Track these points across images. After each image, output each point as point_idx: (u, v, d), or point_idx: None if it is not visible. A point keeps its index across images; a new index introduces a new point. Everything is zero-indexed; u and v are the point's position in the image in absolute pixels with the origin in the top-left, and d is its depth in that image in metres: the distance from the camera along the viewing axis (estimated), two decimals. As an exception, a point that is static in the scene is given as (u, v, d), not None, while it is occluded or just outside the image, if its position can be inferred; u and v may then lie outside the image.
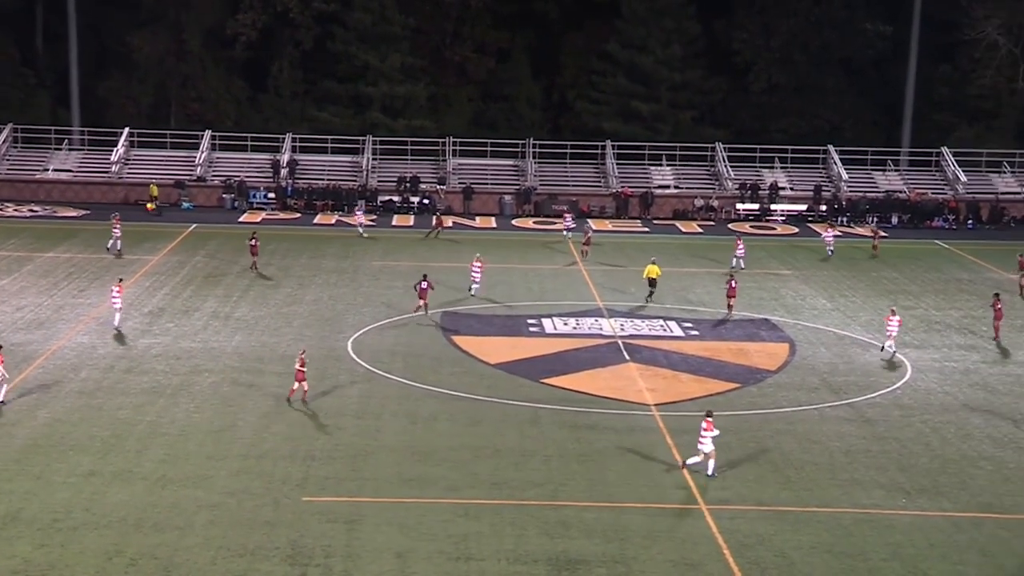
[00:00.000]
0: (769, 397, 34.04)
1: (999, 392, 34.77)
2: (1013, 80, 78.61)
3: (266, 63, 79.85)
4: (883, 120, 79.84)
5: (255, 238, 50.31)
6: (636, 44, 79.14)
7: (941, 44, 77.77)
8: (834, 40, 79.14)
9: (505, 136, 75.28)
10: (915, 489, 27.13)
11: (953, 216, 67.44)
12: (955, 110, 79.75)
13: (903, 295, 48.00)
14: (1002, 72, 78.20)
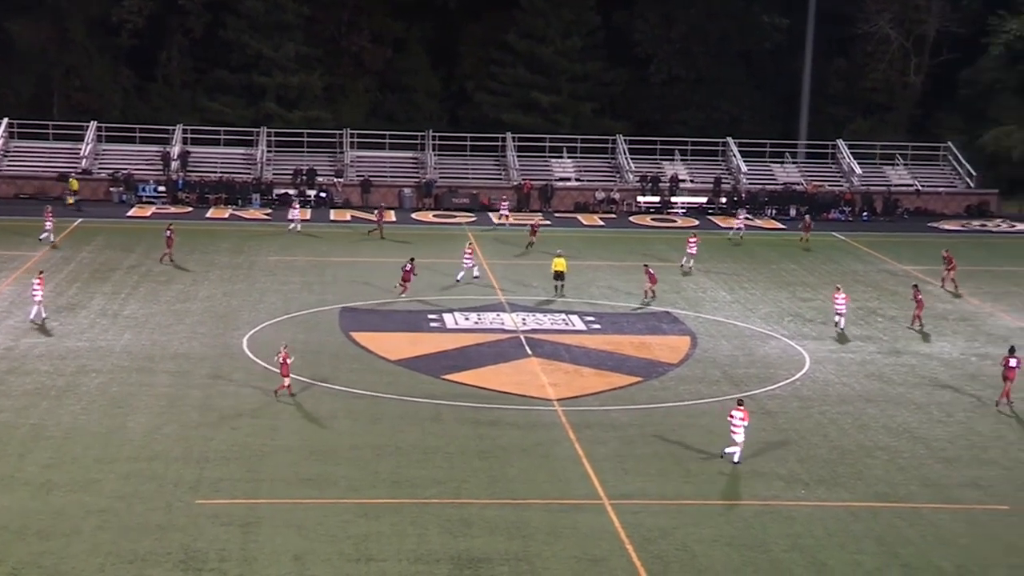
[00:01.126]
0: (671, 391, 34.46)
1: (894, 382, 35.67)
2: (905, 73, 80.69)
3: (154, 52, 78.38)
4: (781, 112, 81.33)
5: (171, 229, 49.78)
6: (535, 35, 79.44)
7: (836, 37, 79.50)
8: (732, 32, 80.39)
9: (404, 128, 75.04)
10: (814, 480, 27.70)
11: (849, 208, 68.98)
12: (850, 103, 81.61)
13: (801, 287, 48.94)
14: (894, 65, 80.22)
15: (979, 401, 33.90)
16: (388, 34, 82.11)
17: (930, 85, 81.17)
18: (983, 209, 70.66)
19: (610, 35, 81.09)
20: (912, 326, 42.37)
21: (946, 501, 26.55)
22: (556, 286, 45.78)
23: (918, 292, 43.04)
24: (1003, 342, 40.26)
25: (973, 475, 28.09)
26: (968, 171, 73.01)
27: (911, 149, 75.41)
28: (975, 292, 48.23)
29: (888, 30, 79.29)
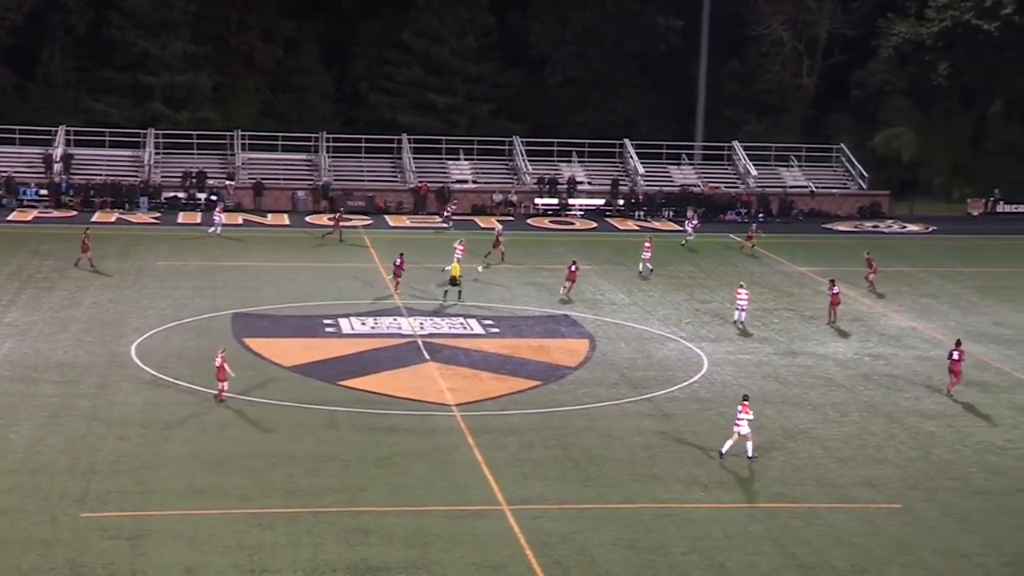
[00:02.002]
0: (570, 394, 34.68)
1: (790, 383, 36.36)
2: (798, 75, 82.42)
3: (34, 50, 76.46)
4: (677, 114, 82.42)
5: (87, 233, 49.49)
6: (430, 35, 79.41)
7: (730, 39, 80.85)
8: (627, 34, 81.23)
9: (296, 129, 74.40)
10: (712, 482, 28.11)
11: (745, 210, 70.17)
12: (745, 104, 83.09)
13: (699, 289, 49.65)
14: (787, 67, 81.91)
15: (872, 402, 34.72)
16: (279, 33, 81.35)
17: (823, 87, 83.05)
18: (875, 210, 72.43)
19: (505, 36, 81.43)
20: (830, 323, 43.51)
21: (841, 500, 27.15)
22: (447, 292, 45.46)
23: (833, 286, 44.18)
24: (895, 342, 41.38)
25: (867, 474, 28.77)
26: (860, 172, 74.79)
27: (805, 151, 77.01)
28: (868, 293, 49.40)
29: (781, 32, 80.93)
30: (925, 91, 79.61)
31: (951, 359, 35.32)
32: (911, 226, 68.67)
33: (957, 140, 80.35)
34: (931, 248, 61.42)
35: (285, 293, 45.67)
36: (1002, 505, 26.98)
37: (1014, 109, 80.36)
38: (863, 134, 79.82)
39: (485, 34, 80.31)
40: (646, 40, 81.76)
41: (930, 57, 78.25)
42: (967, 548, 24.71)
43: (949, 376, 35.36)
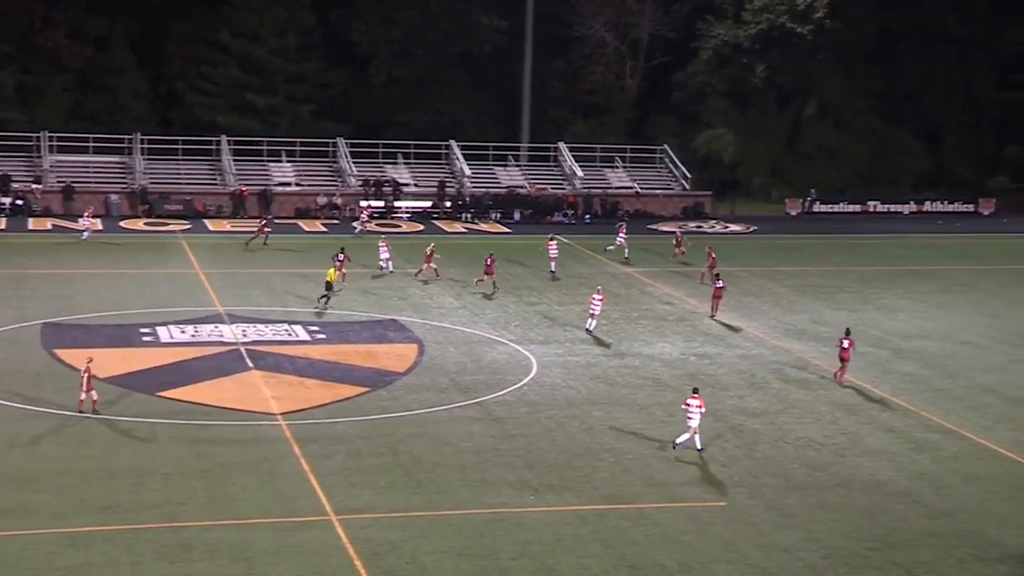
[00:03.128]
0: (399, 400, 34.61)
1: (619, 384, 37.05)
2: (621, 76, 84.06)
3: None
4: (503, 114, 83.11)
5: None
6: (248, 33, 78.15)
7: (555, 39, 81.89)
8: (452, 33, 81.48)
9: (109, 130, 72.23)
10: (543, 485, 28.43)
11: (572, 211, 71.19)
12: (570, 105, 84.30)
13: (527, 291, 50.14)
14: (611, 69, 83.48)
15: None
16: (88, 30, 78.70)
17: (646, 88, 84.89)
18: (698, 210, 74.39)
19: (327, 34, 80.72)
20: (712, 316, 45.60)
21: (669, 500, 27.79)
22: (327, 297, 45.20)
23: (719, 279, 46.47)
24: (720, 341, 42.57)
25: (694, 473, 29.52)
26: (684, 173, 76.69)
27: (630, 151, 78.58)
28: (693, 293, 50.69)
29: (604, 33, 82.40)
30: (743, 93, 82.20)
31: (840, 347, 37.47)
32: (733, 226, 70.76)
33: (775, 141, 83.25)
34: (752, 248, 63.39)
35: (100, 301, 44.33)
36: (821, 500, 28.03)
37: (827, 111, 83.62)
38: (685, 135, 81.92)
39: (306, 32, 79.46)
40: (471, 39, 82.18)
41: (747, 59, 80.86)
42: (789, 543, 25.60)
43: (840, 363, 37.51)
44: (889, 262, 58.73)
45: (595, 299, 43.20)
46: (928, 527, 26.61)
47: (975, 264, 59.24)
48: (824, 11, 78.33)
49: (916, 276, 55.66)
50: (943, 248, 62.80)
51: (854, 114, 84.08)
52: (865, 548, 25.42)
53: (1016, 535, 26.26)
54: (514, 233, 65.34)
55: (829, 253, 61.59)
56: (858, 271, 56.79)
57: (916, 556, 25.13)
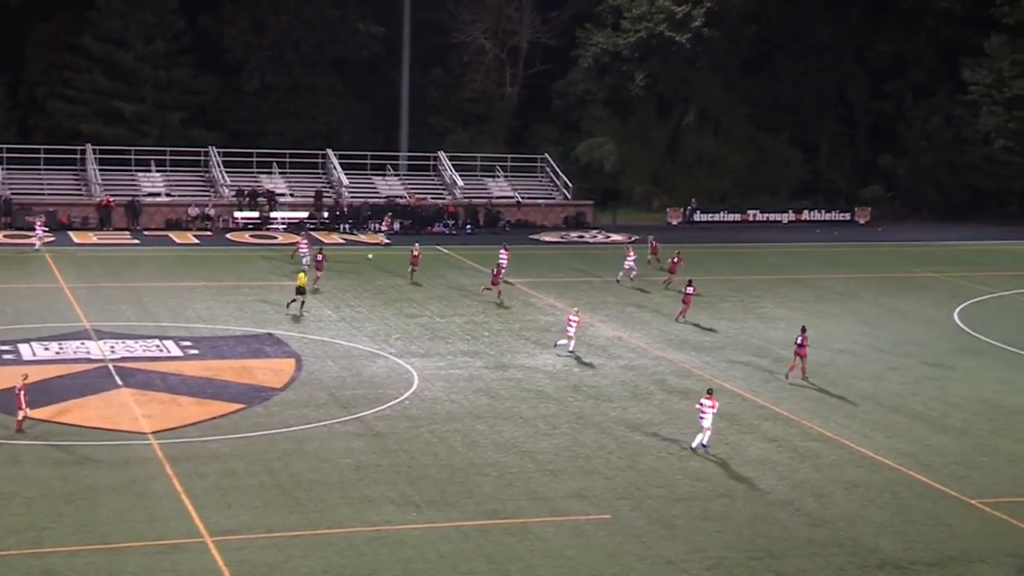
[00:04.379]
0: (276, 416, 34.24)
1: (502, 397, 37.17)
2: (501, 84, 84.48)
3: None
4: (381, 123, 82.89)
5: None
6: (114, 38, 76.64)
7: (433, 47, 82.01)
8: (327, 39, 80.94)
9: (-37, 139, 70.22)
10: (425, 501, 28.38)
11: (452, 221, 71.27)
12: (449, 114, 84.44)
13: (407, 303, 50.05)
14: (491, 76, 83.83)
15: (581, 413, 35.95)
16: (-61, 35, 76.49)
17: (526, 96, 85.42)
18: (580, 220, 75.07)
19: (197, 40, 79.51)
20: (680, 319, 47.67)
21: (553, 514, 27.97)
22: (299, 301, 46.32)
23: (690, 285, 48.38)
24: (603, 352, 42.99)
25: (578, 486, 29.76)
26: (565, 182, 77.34)
27: (510, 160, 78.98)
28: (576, 303, 51.09)
29: (483, 41, 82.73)
30: (624, 101, 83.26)
31: (797, 344, 39.38)
32: (614, 235, 71.54)
33: (655, 150, 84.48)
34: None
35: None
36: (705, 510, 28.48)
37: (706, 120, 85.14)
38: (566, 144, 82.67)
39: (174, 37, 78.17)
40: (347, 46, 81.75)
41: (627, 68, 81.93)
42: (672, 555, 25.96)
43: (795, 359, 39.52)
44: (769, 271, 59.99)
45: (571, 319, 42.59)
46: (809, 535, 27.22)
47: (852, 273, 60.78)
48: (701, 20, 79.78)
49: (795, 285, 56.94)
50: (821, 257, 64.36)
51: (732, 123, 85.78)
52: (748, 558, 25.91)
53: (892, 541, 27.02)
54: (393, 244, 65.16)
55: (710, 262, 62.62)
56: (738, 280, 57.90)
57: (798, 565, 25.69)
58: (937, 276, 60.45)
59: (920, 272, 61.34)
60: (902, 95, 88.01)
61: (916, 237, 74.54)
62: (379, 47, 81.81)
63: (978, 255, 68.72)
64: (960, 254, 68.81)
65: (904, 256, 67.58)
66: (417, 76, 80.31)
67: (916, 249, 70.21)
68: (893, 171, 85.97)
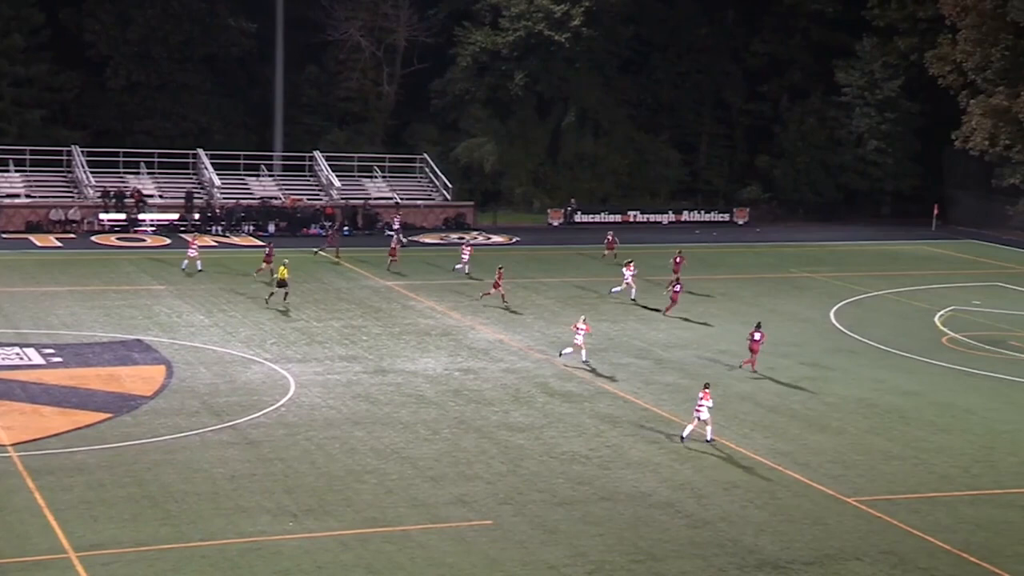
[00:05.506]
0: (145, 426, 33.61)
1: (381, 402, 37.01)
2: (378, 83, 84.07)
3: None
4: (254, 122, 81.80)
5: None
6: (-32, 33, 74.44)
7: (307, 44, 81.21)
8: (196, 36, 79.65)
9: None
10: (302, 510, 28.11)
11: (330, 223, 70.65)
12: (325, 113, 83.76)
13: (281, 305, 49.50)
14: (368, 75, 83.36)
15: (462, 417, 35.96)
16: None
17: (403, 95, 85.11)
18: (460, 221, 75.08)
19: (58, 34, 77.51)
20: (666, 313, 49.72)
21: (434, 521, 27.93)
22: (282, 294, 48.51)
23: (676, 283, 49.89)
24: (484, 355, 43.07)
25: (459, 492, 29.76)
26: (445, 183, 77.28)
27: (389, 161, 78.66)
28: (456, 306, 51.16)
29: (359, 38, 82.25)
30: (503, 101, 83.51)
31: (751, 339, 41.67)
32: (496, 237, 71.72)
33: (536, 150, 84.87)
34: (515, 259, 64.35)
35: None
36: (587, 514, 28.71)
37: (586, 120, 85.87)
38: (446, 144, 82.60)
39: (33, 32, 76.07)
40: (217, 43, 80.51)
41: (506, 67, 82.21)
42: (555, 559, 26.12)
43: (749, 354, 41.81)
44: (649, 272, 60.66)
45: (579, 328, 42.20)
46: (690, 537, 27.62)
47: (732, 273, 61.88)
48: (580, 20, 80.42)
49: (675, 286, 57.66)
50: (701, 257, 65.32)
51: (613, 123, 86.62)
52: (630, 561, 26.18)
53: (772, 541, 27.56)
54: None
55: (590, 264, 63.18)
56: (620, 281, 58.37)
57: (679, 567, 26.05)
58: (813, 276, 61.86)
59: (797, 272, 62.70)
60: (778, 96, 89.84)
61: (793, 237, 76.17)
62: (251, 44, 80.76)
63: (852, 255, 70.50)
64: (835, 254, 70.52)
65: (781, 256, 69.01)
66: (291, 74, 79.48)
67: (793, 249, 71.75)
68: (770, 172, 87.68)
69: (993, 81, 78.19)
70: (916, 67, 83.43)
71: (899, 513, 29.33)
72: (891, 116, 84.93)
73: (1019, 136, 77.49)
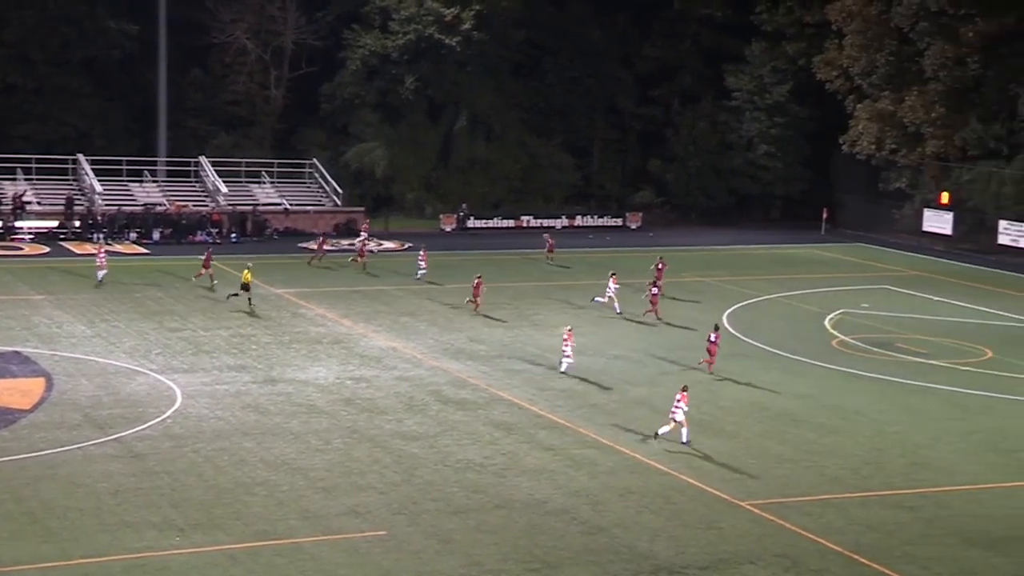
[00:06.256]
0: (24, 440, 32.86)
1: (271, 413, 36.64)
2: (266, 87, 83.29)
3: None
4: (136, 127, 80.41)
5: None
6: None
7: (191, 47, 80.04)
8: (74, 38, 77.96)
9: None
10: (189, 525, 27.71)
11: (217, 229, 69.82)
12: (211, 117, 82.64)
13: (169, 316, 48.82)
14: (254, 78, 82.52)
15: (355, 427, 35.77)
16: None
17: (292, 99, 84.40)
18: (351, 227, 74.64)
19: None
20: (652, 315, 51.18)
21: (326, 532, 27.72)
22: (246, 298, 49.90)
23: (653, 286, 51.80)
24: (376, 363, 42.90)
25: (352, 503, 29.59)
26: (335, 188, 76.82)
27: (277, 166, 77.96)
28: (347, 313, 50.88)
29: (245, 41, 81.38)
30: (394, 105, 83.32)
31: (709, 341, 43.12)
32: (387, 243, 71.45)
33: (428, 155, 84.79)
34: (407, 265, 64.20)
35: None
36: (482, 523, 28.74)
37: (478, 124, 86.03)
38: (335, 149, 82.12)
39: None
40: (97, 45, 78.90)
41: (396, 71, 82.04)
42: (450, 569, 26.10)
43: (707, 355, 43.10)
44: (543, 277, 61.02)
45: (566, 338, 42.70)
46: (586, 544, 27.80)
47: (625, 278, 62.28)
48: (471, 23, 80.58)
49: (570, 291, 58.06)
50: (595, 263, 65.83)
51: (505, 128, 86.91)
52: (525, 569, 26.27)
53: (666, 546, 27.86)
54: (153, 254, 63.40)
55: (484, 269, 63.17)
56: (513, 287, 58.67)
57: (574, 573, 26.21)
58: (706, 280, 62.73)
59: (690, 276, 63.48)
60: (669, 101, 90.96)
61: (685, 242, 77.12)
62: (133, 47, 79.30)
63: (744, 259, 71.65)
64: (727, 258, 71.61)
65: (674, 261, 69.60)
66: (175, 77, 78.31)
67: (686, 253, 72.61)
68: (663, 176, 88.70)
69: (879, 86, 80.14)
70: (804, 72, 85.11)
71: (792, 516, 29.85)
72: (780, 120, 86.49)
73: (904, 140, 79.55)
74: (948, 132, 77.33)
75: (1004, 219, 74.11)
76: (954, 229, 77.26)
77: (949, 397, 41.74)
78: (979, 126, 76.48)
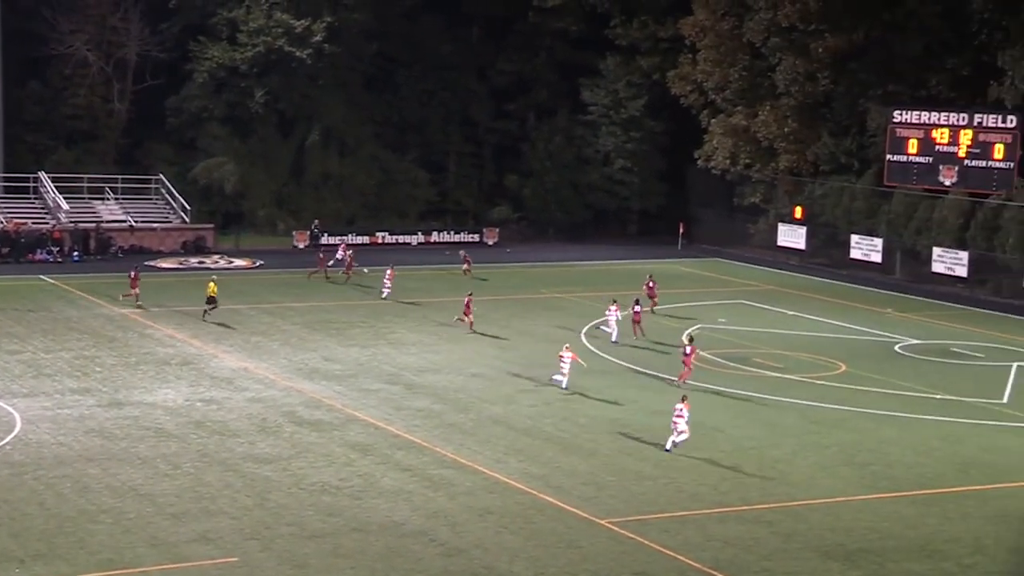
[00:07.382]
0: None
1: (117, 437, 35.91)
2: (109, 100, 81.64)
3: None
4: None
5: None
6: None
7: (28, 58, 78.11)
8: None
9: None
10: (29, 555, 27.00)
11: (58, 248, 68.18)
12: (51, 131, 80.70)
13: (7, 338, 47.58)
14: (96, 91, 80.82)
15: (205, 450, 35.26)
16: None
17: (136, 113, 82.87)
18: (200, 245, 73.63)
19: None
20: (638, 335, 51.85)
21: (175, 560, 27.26)
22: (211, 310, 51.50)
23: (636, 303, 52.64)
24: (227, 385, 42.36)
25: (202, 529, 29.15)
26: (183, 205, 75.65)
27: (121, 182, 76.49)
28: (197, 333, 50.14)
29: (86, 52, 79.69)
30: (244, 119, 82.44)
31: (683, 354, 44.76)
32: (238, 260, 70.63)
33: (279, 170, 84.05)
34: (259, 283, 63.62)
35: None
36: (338, 547, 28.56)
37: (331, 139, 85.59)
38: (183, 164, 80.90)
39: None
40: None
41: (246, 84, 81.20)
42: (307, 594, 25.88)
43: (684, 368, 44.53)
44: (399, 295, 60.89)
45: (563, 356, 43.14)
46: (444, 566, 27.82)
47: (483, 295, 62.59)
48: (322, 35, 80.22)
49: (426, 309, 58.10)
50: (452, 280, 66.01)
51: (358, 142, 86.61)
52: (384, 593, 26.19)
53: (526, 567, 28.02)
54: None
55: (338, 288, 62.97)
56: (368, 305, 58.50)
57: (435, 596, 26.22)
58: (564, 296, 63.34)
59: (548, 293, 64.06)
60: (525, 115, 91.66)
61: (543, 257, 77.81)
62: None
63: (602, 274, 72.49)
64: (585, 274, 72.41)
65: (532, 277, 70.42)
66: (11, 90, 76.31)
67: (543, 270, 73.31)
68: (520, 191, 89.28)
69: (732, 101, 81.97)
70: (659, 86, 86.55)
71: (650, 533, 30.29)
72: (636, 135, 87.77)
73: (758, 155, 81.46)
74: (800, 147, 79.44)
75: (856, 233, 76.29)
76: (807, 243, 79.25)
77: (805, 411, 42.79)
78: (830, 141, 78.71)
